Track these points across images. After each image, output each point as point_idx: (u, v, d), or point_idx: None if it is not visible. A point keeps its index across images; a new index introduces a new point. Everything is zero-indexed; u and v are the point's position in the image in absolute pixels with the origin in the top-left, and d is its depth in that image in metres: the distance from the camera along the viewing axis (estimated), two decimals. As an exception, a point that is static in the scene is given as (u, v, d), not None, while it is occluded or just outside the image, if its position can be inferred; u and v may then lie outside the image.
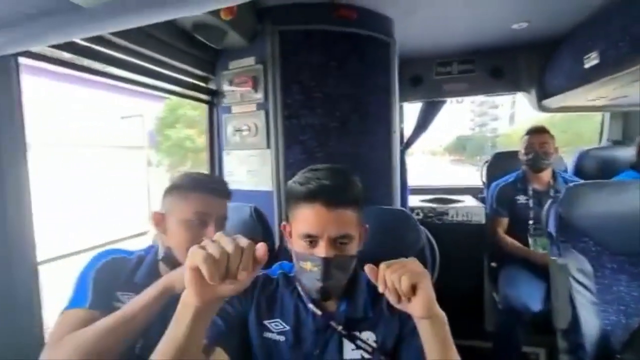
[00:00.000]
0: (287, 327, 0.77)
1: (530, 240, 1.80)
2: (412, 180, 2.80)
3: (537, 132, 1.86)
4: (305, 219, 0.72)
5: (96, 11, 0.62)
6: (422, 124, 2.52)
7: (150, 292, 0.74)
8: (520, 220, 1.83)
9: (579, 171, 2.14)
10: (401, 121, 2.73)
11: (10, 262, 0.81)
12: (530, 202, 1.82)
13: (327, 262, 0.70)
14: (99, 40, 1.04)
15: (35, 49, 0.86)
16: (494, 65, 2.21)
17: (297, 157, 1.43)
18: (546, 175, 1.86)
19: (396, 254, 1.04)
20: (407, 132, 2.64)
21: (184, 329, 0.51)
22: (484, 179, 2.36)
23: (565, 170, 2.15)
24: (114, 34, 1.04)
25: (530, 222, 1.81)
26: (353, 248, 0.74)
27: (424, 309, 0.59)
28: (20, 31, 0.69)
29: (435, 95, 2.32)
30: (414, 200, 2.28)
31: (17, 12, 0.65)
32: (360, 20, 1.45)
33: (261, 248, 0.52)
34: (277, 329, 0.78)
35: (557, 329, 1.27)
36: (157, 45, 1.24)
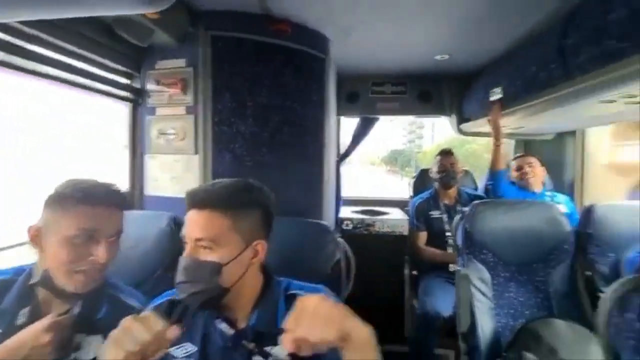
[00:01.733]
0: (195, 349, 0.74)
1: (449, 251, 1.98)
2: (350, 190, 2.92)
3: (447, 154, 2.10)
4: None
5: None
6: (358, 137, 2.64)
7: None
8: (437, 232, 2.02)
9: (487, 188, 2.42)
10: (338, 134, 2.84)
11: None
12: (444, 216, 2.01)
13: (185, 263, 0.71)
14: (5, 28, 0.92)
15: None
16: (423, 90, 2.42)
17: (226, 164, 1.40)
18: (453, 191, 2.09)
19: (313, 265, 1.09)
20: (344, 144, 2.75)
21: None
22: (411, 193, 2.55)
23: (475, 188, 2.42)
24: (24, 23, 0.93)
25: (448, 234, 2.00)
26: (219, 256, 0.71)
27: (356, 353, 0.55)
28: None
29: (369, 112, 2.46)
30: (346, 211, 2.37)
31: None
32: (296, 35, 1.48)
33: (172, 332, 0.57)
34: (184, 353, 0.74)
35: (458, 332, 1.40)
36: (74, 37, 1.13)
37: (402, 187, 2.80)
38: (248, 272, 0.75)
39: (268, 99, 1.43)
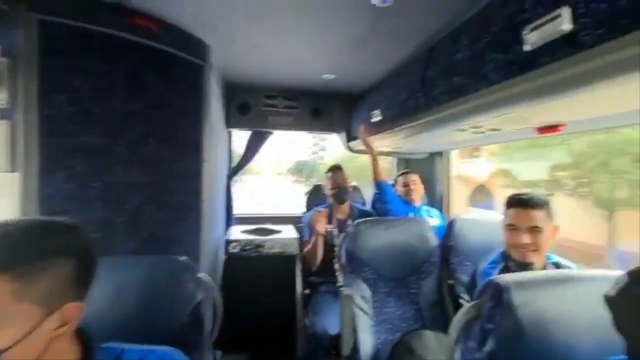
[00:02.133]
0: None
1: (336, 267, 1.98)
2: (256, 202, 2.73)
3: (338, 170, 2.14)
4: None
5: None
6: (250, 151, 2.51)
7: None
8: (331, 246, 2.02)
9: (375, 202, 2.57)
10: (229, 148, 2.65)
11: None
12: (335, 231, 2.03)
13: None
14: None
15: None
16: (314, 107, 2.45)
17: (60, 186, 1.09)
18: (346, 206, 2.14)
19: (166, 312, 0.91)
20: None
21: None
22: (305, 209, 2.53)
23: (364, 203, 2.55)
24: None
25: (337, 248, 2.02)
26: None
27: None
28: None
29: (262, 125, 2.37)
30: (236, 232, 2.20)
31: None
32: (164, 35, 1.28)
33: None
34: None
35: (342, 355, 1.38)
36: None
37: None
38: (51, 349, 0.54)
39: (124, 105, 1.18)
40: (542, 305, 0.59)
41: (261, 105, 2.33)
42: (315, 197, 2.50)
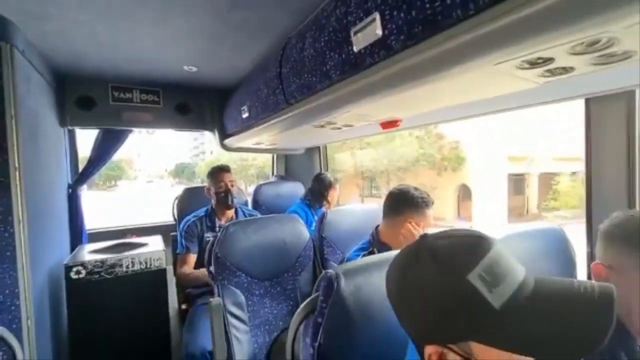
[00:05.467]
0: None
1: None
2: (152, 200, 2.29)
3: (225, 171, 1.98)
4: None
5: None
6: (101, 154, 2.11)
7: None
8: None
9: (255, 202, 2.50)
10: (74, 149, 2.19)
11: None
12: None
13: None
14: None
15: None
16: (180, 102, 2.21)
17: None
18: (231, 211, 2.00)
19: None
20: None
21: None
22: (175, 215, 2.28)
23: (246, 203, 2.46)
24: None
25: None
26: None
27: None
28: None
29: (113, 123, 2.01)
30: (86, 251, 1.81)
31: None
32: None
33: None
34: None
35: (215, 366, 1.28)
36: None
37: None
38: None
39: None
40: (368, 292, 0.63)
41: (110, 100, 1.97)
42: (187, 202, 2.27)
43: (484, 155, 9.63)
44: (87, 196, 2.18)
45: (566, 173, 8.95)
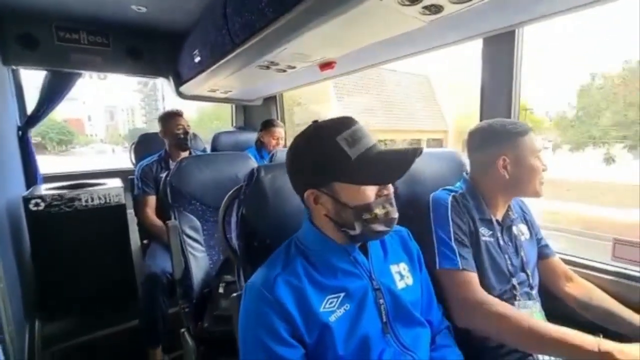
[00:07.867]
0: None
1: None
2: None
3: (179, 115, 2.05)
4: None
5: None
6: (50, 96, 2.08)
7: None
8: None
9: (214, 150, 2.61)
10: (20, 91, 2.14)
11: None
12: None
13: None
14: None
15: None
16: (131, 45, 2.20)
17: None
18: (186, 154, 2.11)
19: None
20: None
21: None
22: (133, 160, 2.35)
23: (204, 150, 2.56)
24: None
25: None
26: None
27: None
28: None
29: (59, 64, 1.98)
30: (42, 188, 1.87)
31: None
32: None
33: None
34: None
35: (174, 279, 1.48)
36: None
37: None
38: None
39: None
40: (282, 182, 0.83)
41: (55, 39, 1.93)
42: (145, 147, 2.34)
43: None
44: (39, 161, 2.15)
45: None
